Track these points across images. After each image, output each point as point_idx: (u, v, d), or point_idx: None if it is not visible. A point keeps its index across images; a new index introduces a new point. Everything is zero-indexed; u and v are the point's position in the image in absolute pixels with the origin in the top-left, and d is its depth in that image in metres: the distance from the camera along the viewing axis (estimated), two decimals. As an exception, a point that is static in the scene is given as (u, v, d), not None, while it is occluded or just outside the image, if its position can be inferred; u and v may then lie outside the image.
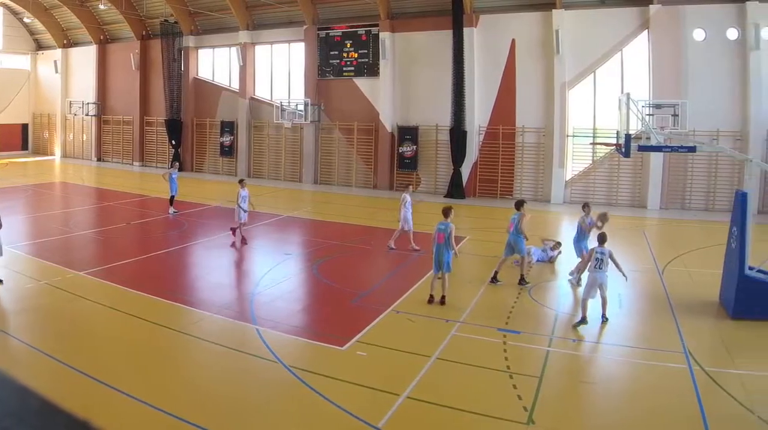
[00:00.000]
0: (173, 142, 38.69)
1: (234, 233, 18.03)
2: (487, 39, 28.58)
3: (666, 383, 8.82)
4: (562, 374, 9.28)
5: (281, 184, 33.80)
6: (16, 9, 43.96)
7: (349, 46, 32.28)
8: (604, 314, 11.30)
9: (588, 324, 11.15)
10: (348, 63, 32.45)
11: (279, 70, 35.92)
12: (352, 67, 32.40)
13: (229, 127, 36.94)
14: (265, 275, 14.92)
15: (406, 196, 17.41)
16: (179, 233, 19.71)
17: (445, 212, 12.50)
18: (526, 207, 14.06)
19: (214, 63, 38.62)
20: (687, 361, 9.47)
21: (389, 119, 31.12)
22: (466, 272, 14.96)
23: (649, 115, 21.64)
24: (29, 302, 12.06)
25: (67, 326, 10.72)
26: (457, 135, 28.54)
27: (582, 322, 11.15)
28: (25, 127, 48.61)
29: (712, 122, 24.38)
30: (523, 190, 28.44)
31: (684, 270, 15.50)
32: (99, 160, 43.95)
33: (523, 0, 28.14)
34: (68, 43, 45.71)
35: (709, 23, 24.61)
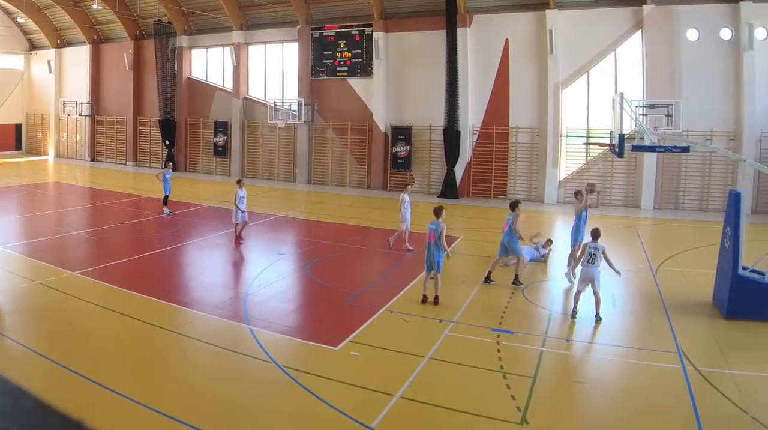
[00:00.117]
0: (167, 142, 38.62)
1: (238, 239, 17.81)
2: (481, 39, 28.61)
3: (659, 383, 8.84)
4: (555, 374, 9.28)
5: (275, 184, 33.76)
6: (9, 9, 43.77)
7: (342, 46, 32.26)
8: (598, 313, 11.34)
9: (578, 316, 11.47)
10: (341, 63, 32.43)
11: (272, 70, 35.87)
12: (346, 67, 32.37)
13: (222, 127, 36.89)
14: (259, 275, 14.89)
15: (405, 196, 17.41)
16: (173, 233, 19.66)
17: (437, 212, 12.51)
18: (521, 207, 14.08)
19: (207, 63, 38.53)
20: (680, 361, 9.50)
21: (383, 119, 31.12)
22: (460, 272, 14.97)
23: (643, 115, 21.62)
24: (22, 302, 12.02)
25: (61, 326, 10.67)
26: (451, 135, 28.57)
27: (574, 314, 11.52)
28: (18, 127, 48.43)
29: (706, 122, 24.45)
30: (517, 190, 28.49)
31: (678, 270, 15.54)
32: (92, 160, 43.82)
33: (517, 0, 28.16)
34: (62, 43, 45.57)
35: (703, 23, 24.69)
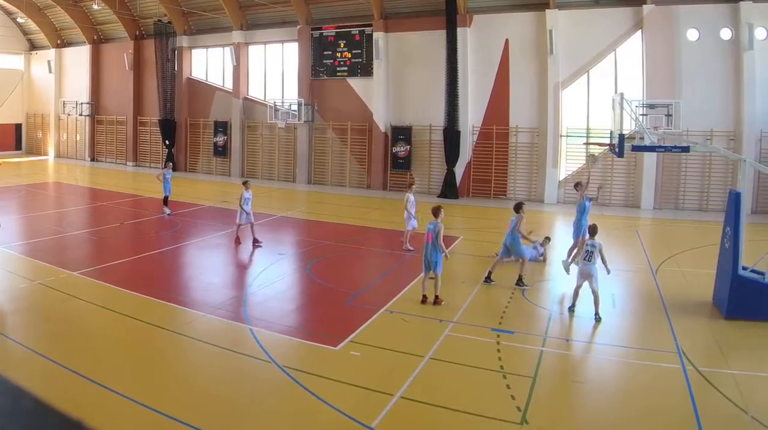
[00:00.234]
0: (167, 142, 38.62)
1: (255, 243, 17.55)
2: (481, 39, 28.61)
3: (659, 383, 8.84)
4: (555, 374, 9.28)
5: (275, 184, 33.75)
6: (9, 9, 43.77)
7: (342, 46, 32.25)
8: (597, 313, 11.37)
9: (576, 312, 11.70)
10: (341, 63, 32.43)
11: (272, 70, 35.87)
12: (346, 67, 32.36)
13: (222, 127, 36.89)
14: (259, 275, 14.89)
15: (410, 196, 17.38)
16: (173, 233, 19.65)
17: (435, 212, 12.49)
18: (525, 209, 14.05)
19: (207, 63, 38.51)
20: (680, 361, 9.49)
21: (383, 119, 31.11)
22: (460, 272, 14.96)
23: (643, 115, 21.63)
24: (23, 302, 12.02)
25: (61, 326, 10.67)
26: (451, 135, 28.57)
27: (571, 308, 11.83)
28: (18, 127, 48.43)
29: (706, 122, 24.44)
30: (517, 190, 28.50)
31: (678, 270, 15.53)
32: (92, 160, 43.82)
33: (517, 0, 28.16)
34: (62, 43, 45.57)
35: (703, 23, 24.68)
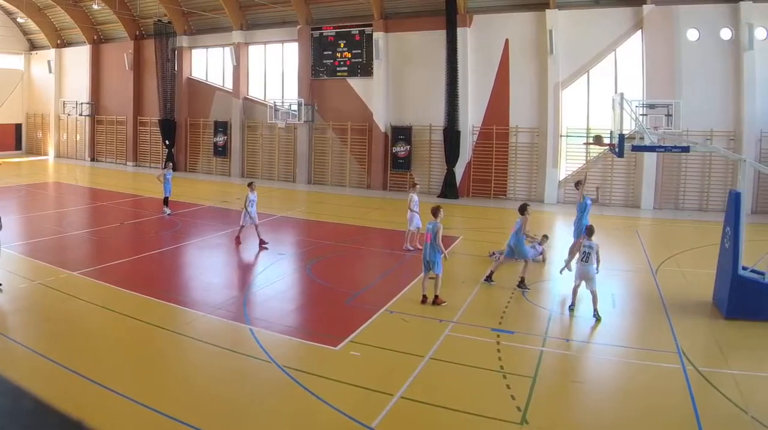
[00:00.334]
0: (167, 142, 38.62)
1: (262, 244, 17.35)
2: (481, 39, 28.61)
3: (659, 383, 8.84)
4: (555, 374, 9.28)
5: (275, 184, 33.73)
6: (9, 9, 43.77)
7: (342, 46, 32.25)
8: (596, 310, 11.43)
9: (576, 311, 11.79)
10: (341, 63, 32.43)
11: (272, 70, 35.86)
12: (346, 67, 32.36)
13: (222, 127, 36.89)
14: (259, 275, 14.89)
15: (413, 196, 17.37)
16: (173, 233, 19.64)
17: (434, 212, 12.49)
18: (529, 210, 14.01)
19: (207, 63, 38.52)
20: (680, 361, 9.49)
21: (383, 119, 31.11)
22: (460, 272, 14.96)
23: (643, 115, 21.66)
24: (23, 302, 12.02)
25: (61, 326, 10.66)
26: (451, 135, 28.57)
27: (571, 307, 11.91)
28: (18, 127, 48.43)
29: (706, 122, 24.45)
30: (517, 191, 28.51)
31: (678, 270, 15.52)
32: (92, 160, 43.83)
33: (517, 0, 28.16)
34: (62, 43, 45.57)
35: (703, 23, 24.68)
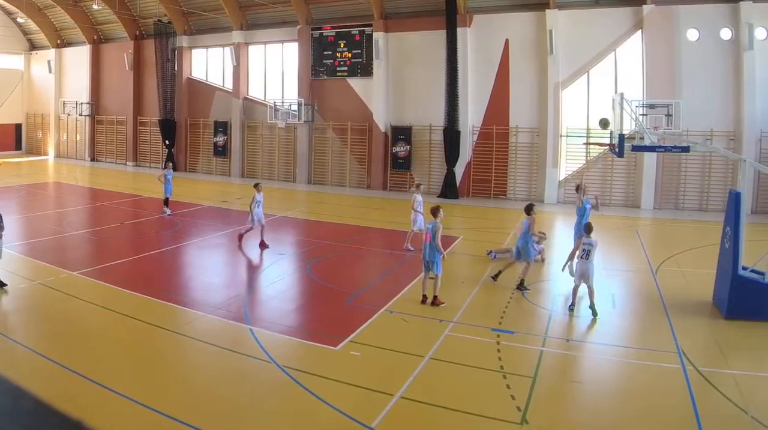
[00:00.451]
0: (167, 143, 38.62)
1: (263, 245, 17.24)
2: (481, 39, 28.61)
3: (659, 383, 8.83)
4: (555, 374, 9.28)
5: (275, 184, 33.68)
6: (9, 9, 43.77)
7: (342, 46, 32.25)
8: (593, 303, 11.60)
9: (576, 311, 11.79)
10: (341, 63, 32.43)
11: (272, 70, 35.86)
12: (346, 67, 32.37)
13: (222, 127, 36.88)
14: (259, 275, 14.88)
15: (417, 197, 17.35)
16: (173, 233, 19.64)
17: (434, 212, 12.51)
18: (536, 210, 13.96)
19: (207, 63, 38.52)
20: (680, 361, 9.49)
21: (383, 119, 31.11)
22: (460, 272, 14.97)
23: (643, 115, 21.63)
24: (23, 302, 12.02)
25: (61, 326, 10.67)
26: (451, 135, 28.57)
27: (571, 307, 11.91)
28: (18, 127, 48.44)
29: (706, 122, 24.45)
30: (517, 191, 28.52)
31: (678, 270, 15.52)
32: (92, 160, 43.84)
33: (517, 0, 28.16)
34: (62, 43, 45.57)
35: (703, 23, 24.68)
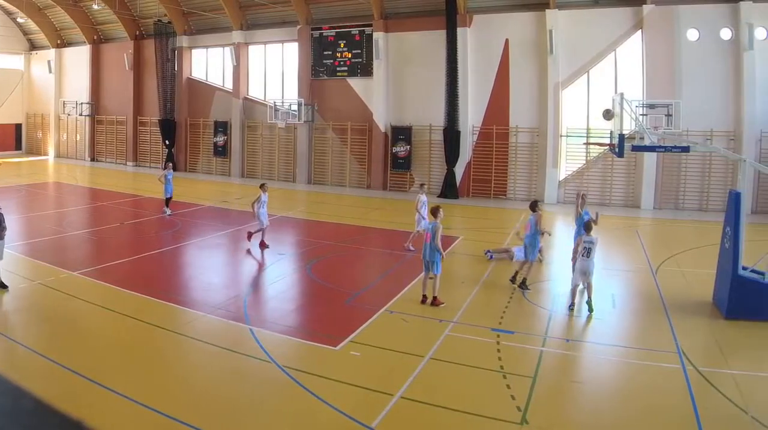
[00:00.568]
0: (167, 142, 38.62)
1: (263, 245, 17.18)
2: (481, 39, 28.60)
3: (659, 383, 8.83)
4: (555, 374, 9.28)
5: (275, 184, 33.54)
6: (9, 9, 43.77)
7: (342, 46, 32.25)
8: (590, 299, 11.73)
9: (575, 310, 11.84)
10: (341, 63, 32.42)
11: (272, 70, 35.86)
12: (346, 67, 32.36)
13: (222, 127, 36.88)
14: (259, 275, 14.87)
15: (422, 197, 17.34)
16: (173, 233, 19.64)
17: (434, 212, 12.55)
18: (541, 206, 13.97)
19: (207, 63, 38.51)
20: (680, 361, 9.49)
21: (383, 119, 31.11)
22: (460, 272, 14.98)
23: (643, 115, 21.61)
24: (23, 302, 12.02)
25: (61, 326, 10.67)
26: (451, 135, 28.57)
27: (571, 307, 11.95)
28: (18, 127, 48.43)
29: (706, 122, 24.45)
30: (517, 190, 28.52)
31: (678, 270, 15.52)
32: (92, 160, 43.83)
33: (517, 0, 28.16)
34: (62, 43, 45.56)
35: (703, 23, 24.68)
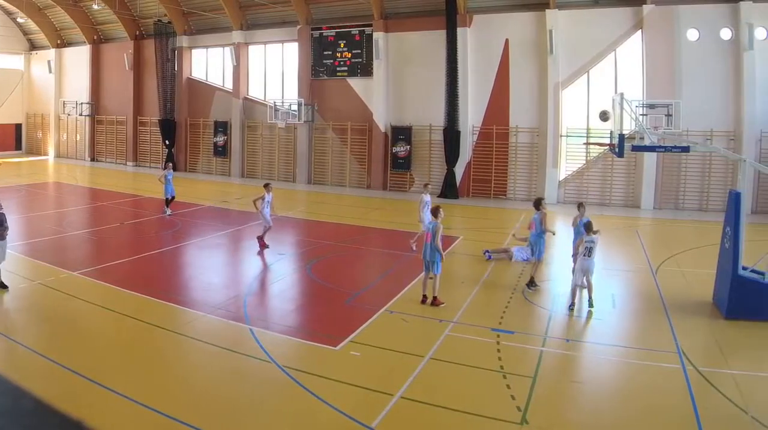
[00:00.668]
0: (167, 143, 38.61)
1: (262, 243, 17.11)
2: (481, 39, 28.60)
3: (659, 383, 8.83)
4: (555, 374, 9.28)
5: (275, 184, 32.78)
6: (9, 9, 43.77)
7: (342, 46, 32.24)
8: (591, 298, 11.78)
9: (575, 310, 11.86)
10: (341, 63, 32.42)
11: (272, 70, 35.85)
12: (346, 67, 32.35)
13: (222, 127, 36.87)
14: (259, 274, 14.87)
15: (425, 197, 17.35)
16: (173, 233, 19.64)
17: (434, 212, 12.59)
18: (544, 204, 13.98)
19: (207, 63, 38.50)
20: (680, 361, 9.49)
21: (383, 119, 31.10)
22: (460, 272, 14.98)
23: (643, 115, 21.61)
24: (23, 302, 12.03)
25: (61, 326, 10.68)
26: (451, 135, 28.57)
27: (571, 307, 11.96)
28: (18, 127, 48.43)
29: (706, 122, 24.44)
30: (517, 190, 28.52)
31: (678, 270, 15.52)
32: (92, 160, 43.82)
33: (517, 0, 28.15)
34: (62, 43, 45.56)
35: (703, 23, 24.68)
